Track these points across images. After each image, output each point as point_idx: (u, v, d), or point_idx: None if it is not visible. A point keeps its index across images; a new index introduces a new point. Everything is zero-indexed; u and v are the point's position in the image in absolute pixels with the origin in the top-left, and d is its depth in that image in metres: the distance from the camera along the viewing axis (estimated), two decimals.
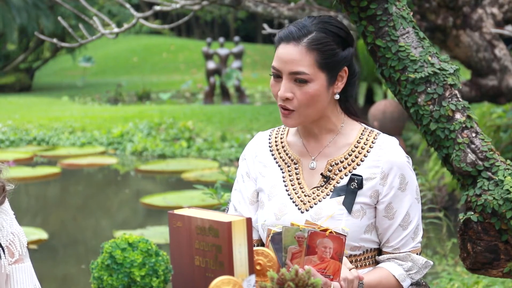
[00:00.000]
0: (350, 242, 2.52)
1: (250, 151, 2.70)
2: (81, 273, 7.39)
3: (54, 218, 10.04)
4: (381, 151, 2.55)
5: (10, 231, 2.51)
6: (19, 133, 14.73)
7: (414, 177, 2.58)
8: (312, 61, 2.48)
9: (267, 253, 2.19)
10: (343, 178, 2.54)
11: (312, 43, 2.48)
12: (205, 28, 36.55)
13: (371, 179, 2.53)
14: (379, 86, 14.97)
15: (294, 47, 2.49)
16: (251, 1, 5.97)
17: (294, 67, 2.48)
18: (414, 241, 2.58)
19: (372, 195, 2.53)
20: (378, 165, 2.53)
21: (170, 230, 2.19)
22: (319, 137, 2.60)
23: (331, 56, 2.50)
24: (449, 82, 2.58)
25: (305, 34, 2.50)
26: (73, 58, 24.46)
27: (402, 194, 2.54)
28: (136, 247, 2.00)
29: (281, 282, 1.94)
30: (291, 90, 2.50)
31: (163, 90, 22.40)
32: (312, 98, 2.49)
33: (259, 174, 2.65)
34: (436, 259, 6.66)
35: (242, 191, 2.68)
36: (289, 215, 2.55)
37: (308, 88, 2.49)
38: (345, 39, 2.53)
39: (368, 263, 2.59)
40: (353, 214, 2.51)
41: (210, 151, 13.32)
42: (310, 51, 2.48)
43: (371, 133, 2.59)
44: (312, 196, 2.56)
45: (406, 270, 2.58)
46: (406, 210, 2.55)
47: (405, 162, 2.55)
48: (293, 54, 2.48)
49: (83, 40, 6.36)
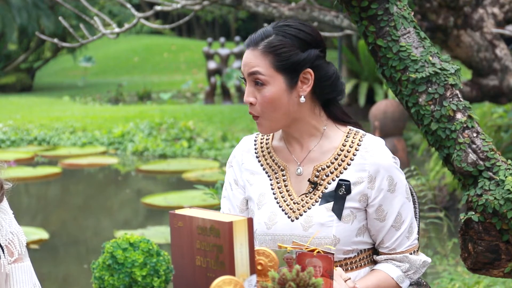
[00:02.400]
0: (343, 247, 2.52)
1: (236, 158, 2.69)
2: (82, 273, 7.39)
3: (55, 218, 10.04)
4: (367, 153, 2.53)
5: (9, 231, 2.51)
6: (20, 133, 14.73)
7: (402, 177, 2.57)
8: (268, 64, 2.50)
9: (268, 253, 2.20)
10: (331, 183, 2.53)
11: (267, 46, 2.51)
12: (206, 28, 36.55)
13: (359, 183, 2.52)
14: (380, 86, 14.96)
15: (252, 51, 2.53)
16: (252, 1, 5.97)
17: (251, 68, 2.51)
18: (409, 240, 2.58)
19: (361, 199, 2.53)
20: (364, 168, 2.52)
21: (171, 230, 2.19)
22: (302, 142, 2.59)
23: (287, 58, 2.50)
24: (450, 82, 2.58)
25: (263, 38, 2.53)
26: (74, 58, 24.46)
27: (392, 195, 2.54)
28: (137, 247, 2.00)
29: (282, 282, 1.94)
30: (253, 95, 2.52)
31: (164, 90, 22.41)
32: (271, 102, 2.50)
33: (247, 182, 2.64)
34: (437, 259, 6.66)
35: (231, 199, 2.68)
36: (279, 224, 2.54)
37: (266, 91, 2.50)
38: (305, 41, 2.53)
39: (363, 264, 2.59)
40: (343, 220, 2.51)
41: (211, 151, 13.33)
42: (266, 55, 2.51)
43: (356, 135, 2.58)
44: (301, 203, 2.55)
45: (404, 271, 2.58)
46: (397, 211, 2.55)
47: (391, 164, 2.54)
48: (250, 58, 2.52)
49: (84, 40, 6.36)
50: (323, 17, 6.05)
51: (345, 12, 2.70)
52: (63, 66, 28.47)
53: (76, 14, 13.17)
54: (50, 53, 25.15)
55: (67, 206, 10.79)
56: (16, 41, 23.85)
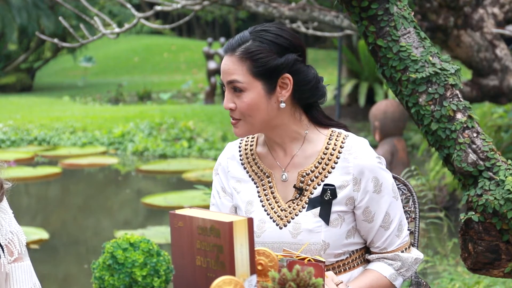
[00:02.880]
0: (333, 251, 2.51)
1: (222, 166, 2.67)
2: (82, 273, 7.39)
3: (55, 218, 10.04)
4: (350, 156, 2.51)
5: (9, 230, 2.51)
6: (20, 133, 14.73)
7: (387, 176, 2.54)
8: (245, 70, 2.49)
9: (269, 253, 2.19)
10: (316, 188, 2.52)
11: (244, 52, 2.49)
12: (206, 28, 36.55)
13: (344, 187, 2.50)
14: (380, 86, 14.97)
15: (229, 57, 2.52)
16: (252, 1, 5.97)
17: (229, 76, 2.50)
18: (399, 238, 2.57)
19: (347, 202, 2.51)
20: (349, 171, 2.50)
21: (172, 230, 2.19)
22: (285, 147, 2.57)
23: (264, 64, 2.48)
24: (450, 82, 2.58)
25: (240, 44, 2.51)
26: (74, 58, 24.47)
27: (378, 196, 2.52)
28: (138, 247, 2.00)
29: (283, 282, 1.94)
30: (233, 100, 2.51)
31: (164, 90, 22.41)
32: (249, 107, 2.49)
33: (234, 190, 2.63)
34: (437, 259, 6.65)
35: (220, 207, 2.66)
36: (268, 232, 2.54)
37: (244, 97, 2.49)
38: (283, 46, 2.50)
39: (356, 264, 2.59)
40: (331, 224, 2.49)
41: (211, 151, 13.33)
42: (243, 61, 2.49)
43: (338, 137, 2.55)
44: (288, 210, 2.53)
45: (397, 269, 2.57)
46: (385, 211, 2.53)
47: (375, 164, 2.51)
48: (228, 65, 2.51)
49: (84, 40, 6.36)
50: (323, 17, 6.05)
51: (345, 12, 2.70)
52: (63, 66, 28.48)
53: (76, 14, 13.17)
54: (50, 53, 25.15)
55: (67, 206, 10.79)
56: (16, 41, 23.86)
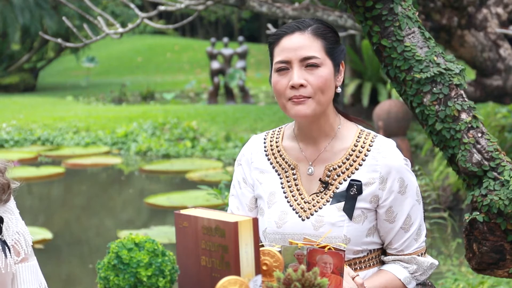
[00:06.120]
0: (353, 247, 2.52)
1: (246, 157, 2.68)
2: (86, 272, 7.40)
3: (59, 218, 10.05)
4: (378, 154, 2.53)
5: (15, 231, 2.51)
6: (24, 133, 14.74)
7: (413, 179, 2.56)
8: (320, 46, 2.50)
9: (274, 253, 2.19)
10: (342, 183, 2.53)
11: (317, 30, 2.51)
12: (209, 28, 36.56)
13: (370, 184, 2.52)
14: (383, 86, 14.96)
15: (300, 35, 2.51)
16: (256, 1, 5.97)
17: (305, 52, 2.49)
18: (417, 242, 2.58)
19: (372, 200, 2.52)
20: (376, 169, 2.52)
21: (176, 230, 2.19)
22: (317, 141, 2.58)
23: (334, 43, 2.53)
24: (455, 82, 2.57)
25: (307, 26, 2.53)
26: (77, 58, 24.49)
27: (402, 197, 2.53)
28: (143, 247, 2.00)
29: (288, 282, 1.94)
30: (304, 77, 2.48)
31: (167, 90, 22.42)
32: (325, 82, 2.49)
33: (256, 180, 2.64)
34: (441, 259, 6.65)
35: (240, 198, 2.67)
36: (290, 223, 2.54)
37: (320, 72, 2.49)
38: (337, 35, 2.57)
39: (372, 263, 2.59)
40: (354, 220, 2.51)
41: (214, 151, 13.33)
42: (317, 37, 2.51)
43: (367, 136, 2.58)
44: (312, 202, 2.54)
45: (412, 272, 2.57)
46: (407, 213, 2.55)
47: (403, 165, 2.54)
48: (301, 41, 2.50)
49: (88, 40, 6.37)
50: (327, 17, 6.05)
51: (349, 12, 2.71)
52: (66, 66, 28.50)
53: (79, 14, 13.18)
54: (53, 53, 25.17)
55: (70, 206, 10.80)
56: (19, 41, 23.87)
